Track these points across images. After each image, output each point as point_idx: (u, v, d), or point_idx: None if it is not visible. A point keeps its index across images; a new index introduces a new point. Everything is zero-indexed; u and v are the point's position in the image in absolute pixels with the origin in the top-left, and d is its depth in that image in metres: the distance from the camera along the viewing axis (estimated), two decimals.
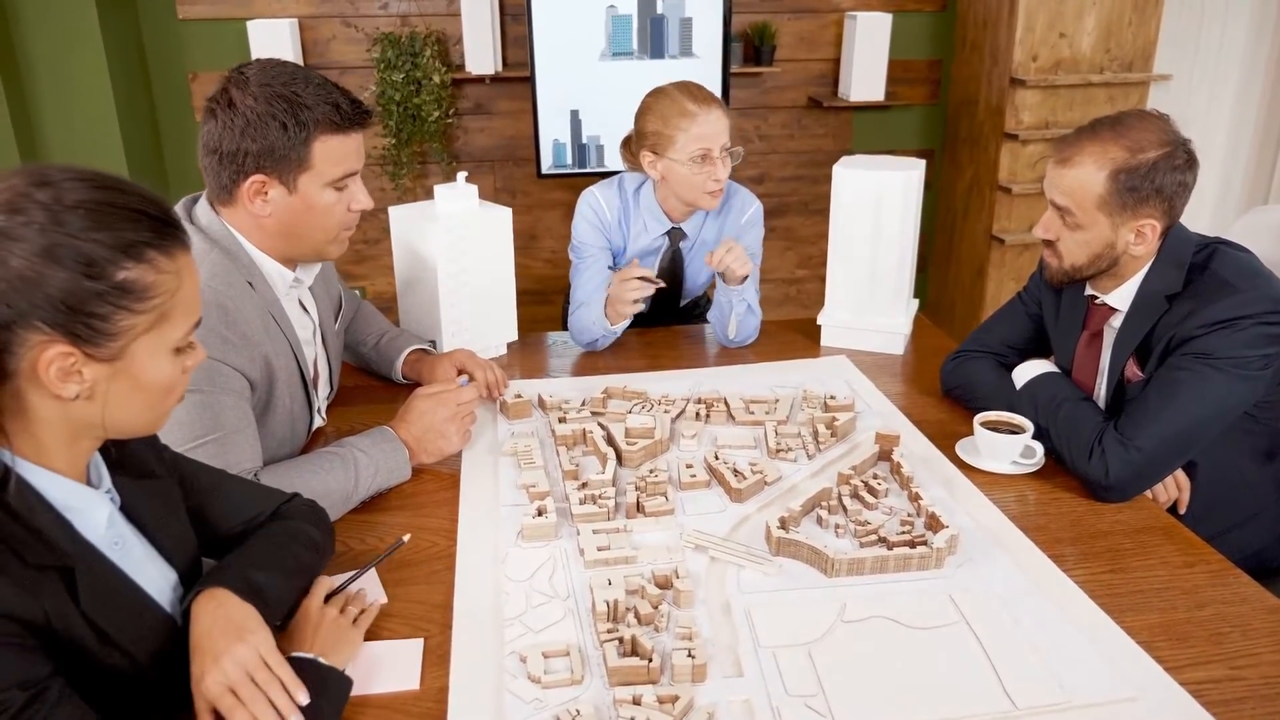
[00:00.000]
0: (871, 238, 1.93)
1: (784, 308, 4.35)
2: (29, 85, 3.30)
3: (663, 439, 1.54)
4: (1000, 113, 3.60)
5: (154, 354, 0.88)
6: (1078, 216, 1.45)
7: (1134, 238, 1.44)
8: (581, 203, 2.06)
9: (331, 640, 1.05)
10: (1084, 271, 1.51)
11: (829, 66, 3.98)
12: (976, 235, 3.88)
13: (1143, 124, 1.43)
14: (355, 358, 1.88)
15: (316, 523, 1.19)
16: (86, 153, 3.39)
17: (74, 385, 0.84)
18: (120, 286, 0.83)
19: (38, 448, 0.87)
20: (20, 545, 0.83)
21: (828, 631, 1.12)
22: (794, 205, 4.20)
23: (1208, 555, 1.30)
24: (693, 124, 1.86)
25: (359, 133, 1.38)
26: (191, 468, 1.14)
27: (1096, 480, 1.40)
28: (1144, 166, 1.40)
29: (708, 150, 1.87)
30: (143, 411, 0.91)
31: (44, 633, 0.83)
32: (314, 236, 1.41)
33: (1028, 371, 1.60)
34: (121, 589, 0.93)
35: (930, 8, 3.96)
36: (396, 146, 3.70)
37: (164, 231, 0.87)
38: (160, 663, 0.97)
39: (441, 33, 3.67)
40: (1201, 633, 1.14)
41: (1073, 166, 1.44)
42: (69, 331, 0.82)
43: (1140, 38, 3.56)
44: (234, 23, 3.55)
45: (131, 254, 0.84)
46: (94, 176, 0.85)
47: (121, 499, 0.98)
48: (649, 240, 2.06)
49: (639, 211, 2.03)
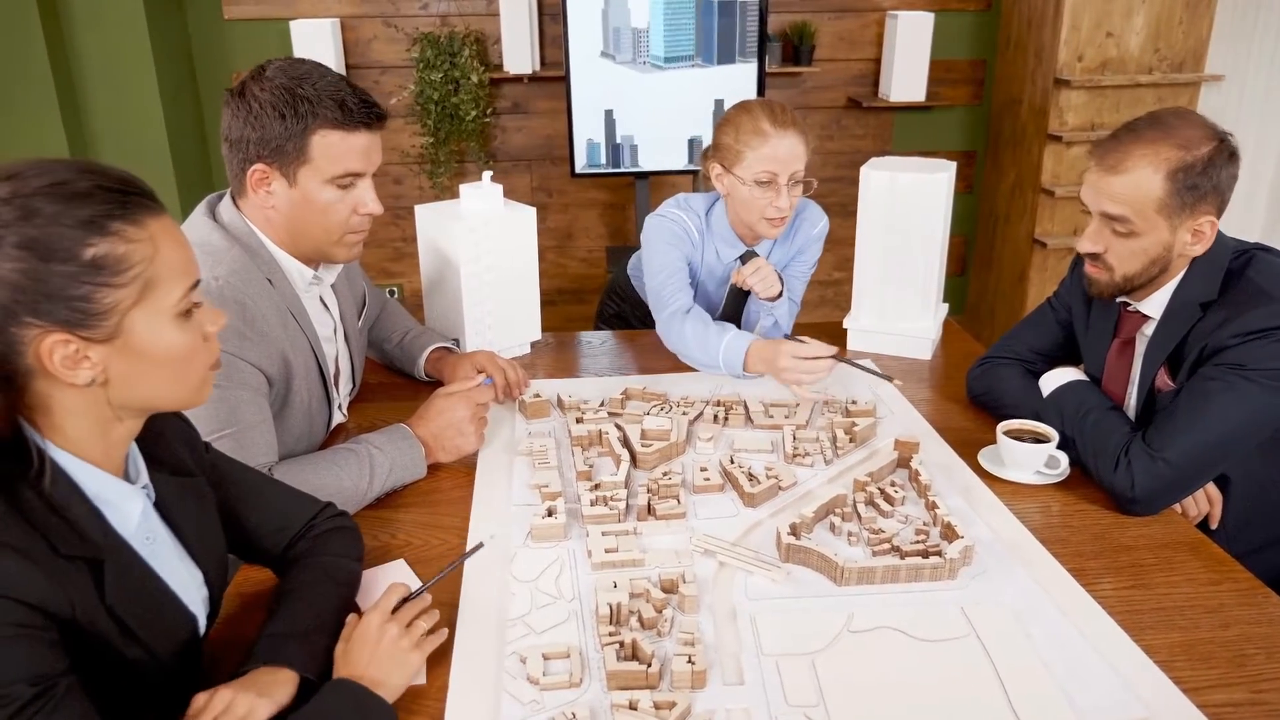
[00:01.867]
0: (900, 241, 1.90)
1: (820, 309, 4.31)
2: (80, 85, 3.39)
3: (678, 441, 1.53)
4: (1044, 114, 3.53)
5: (152, 324, 0.87)
6: (1135, 223, 1.38)
7: (1190, 238, 1.39)
8: (662, 226, 1.91)
9: (388, 664, 1.00)
10: (1137, 281, 1.44)
11: (869, 66, 3.93)
12: (1018, 239, 3.81)
13: (1183, 121, 1.38)
14: (380, 355, 1.89)
15: (348, 549, 1.19)
16: (134, 150, 3.48)
17: (85, 371, 0.85)
18: (92, 264, 0.83)
19: (71, 439, 0.88)
20: (53, 534, 0.84)
21: (833, 641, 1.10)
22: (833, 207, 4.15)
23: (1236, 573, 1.25)
24: (764, 144, 1.77)
25: (367, 134, 1.38)
26: (231, 469, 1.15)
27: (1122, 493, 1.36)
28: (1200, 163, 1.34)
29: (773, 175, 1.78)
30: (169, 383, 0.91)
31: (67, 624, 0.84)
32: (315, 235, 1.41)
33: (1055, 379, 1.56)
34: (148, 585, 0.94)
35: (974, 7, 3.89)
36: (434, 145, 3.73)
37: (125, 201, 0.85)
38: (178, 659, 0.98)
39: (480, 32, 3.70)
40: (1224, 654, 1.10)
41: (1124, 172, 1.37)
42: (58, 319, 0.82)
43: (1192, 37, 3.46)
44: (278, 23, 3.62)
45: (94, 229, 0.83)
46: (50, 165, 0.84)
47: (157, 495, 0.99)
48: (722, 268, 1.96)
49: (710, 236, 1.95)
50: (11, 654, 0.78)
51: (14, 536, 0.81)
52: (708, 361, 1.77)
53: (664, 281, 1.86)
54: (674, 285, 1.86)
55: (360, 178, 1.40)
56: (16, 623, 0.79)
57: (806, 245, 2.00)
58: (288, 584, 1.11)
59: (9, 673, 0.78)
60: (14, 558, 0.80)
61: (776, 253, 2.01)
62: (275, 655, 0.99)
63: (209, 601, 1.06)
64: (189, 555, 1.03)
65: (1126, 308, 1.52)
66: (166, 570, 0.97)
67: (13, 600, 0.79)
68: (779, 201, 1.80)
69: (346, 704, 0.95)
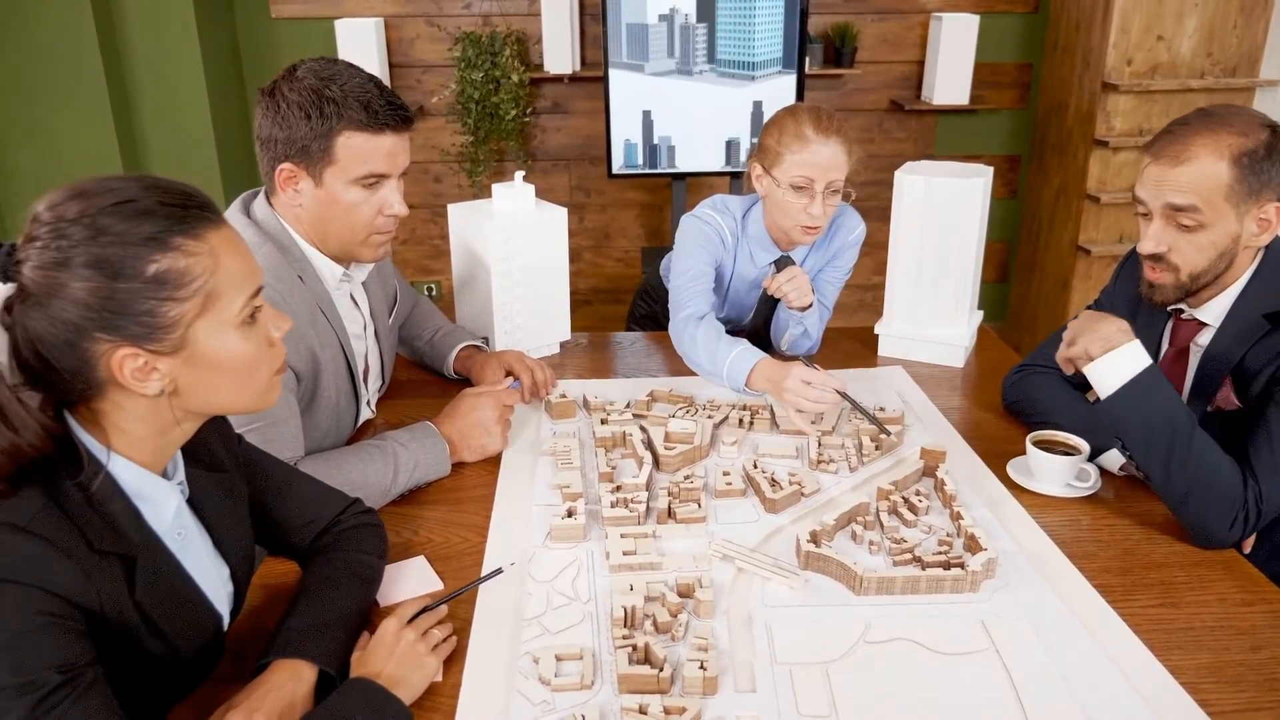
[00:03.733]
0: (934, 246, 1.87)
1: (858, 314, 4.27)
2: (130, 82, 3.47)
3: (702, 445, 1.53)
4: (1091, 118, 3.46)
5: (216, 334, 0.90)
6: (1204, 213, 1.33)
7: (1257, 227, 1.35)
8: (696, 228, 1.89)
9: (406, 667, 1.02)
10: (1204, 278, 1.38)
11: (913, 69, 3.89)
12: (1062, 246, 3.74)
13: (1233, 112, 1.35)
14: (411, 352, 1.91)
15: (373, 545, 1.20)
16: (181, 147, 3.55)
17: (155, 382, 0.87)
18: (155, 279, 0.85)
19: (130, 441, 0.91)
20: (89, 529, 0.86)
21: (848, 651, 1.09)
22: (873, 211, 4.10)
23: (1270, 594, 1.22)
24: (804, 149, 1.73)
25: (393, 135, 1.38)
26: (265, 463, 1.17)
27: (1222, 541, 1.29)
28: (1262, 148, 1.31)
29: (809, 181, 1.74)
30: (236, 390, 0.94)
31: (95, 617, 0.86)
32: (341, 234, 1.43)
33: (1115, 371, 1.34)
34: (176, 581, 0.96)
35: (1021, 9, 3.83)
36: (474, 144, 3.76)
37: (184, 215, 0.87)
38: (200, 653, 1.00)
39: (522, 32, 3.72)
40: (1254, 676, 1.07)
41: (1188, 162, 1.33)
42: (126, 334, 0.85)
43: (1246, 41, 3.37)
44: (323, 21, 3.67)
45: (157, 245, 0.85)
46: (115, 183, 0.86)
47: (191, 490, 1.01)
48: (756, 273, 1.95)
49: (745, 239, 1.93)
50: (41, 642, 0.80)
51: (49, 529, 0.83)
52: (712, 370, 1.73)
53: (686, 285, 1.84)
54: (695, 290, 1.84)
55: (385, 179, 1.41)
56: (48, 612, 0.81)
57: (842, 251, 1.97)
58: (310, 577, 1.12)
59: (38, 660, 0.80)
60: (47, 549, 0.82)
61: (811, 258, 1.98)
62: (294, 649, 1.00)
63: (233, 597, 1.08)
64: (217, 550, 1.05)
65: (1180, 315, 1.48)
66: (195, 566, 0.99)
67: (44, 590, 0.81)
68: (813, 208, 1.76)
69: (364, 702, 0.96)
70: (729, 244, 1.90)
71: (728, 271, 1.95)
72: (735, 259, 1.93)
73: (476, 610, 1.18)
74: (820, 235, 1.88)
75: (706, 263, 1.86)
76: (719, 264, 1.90)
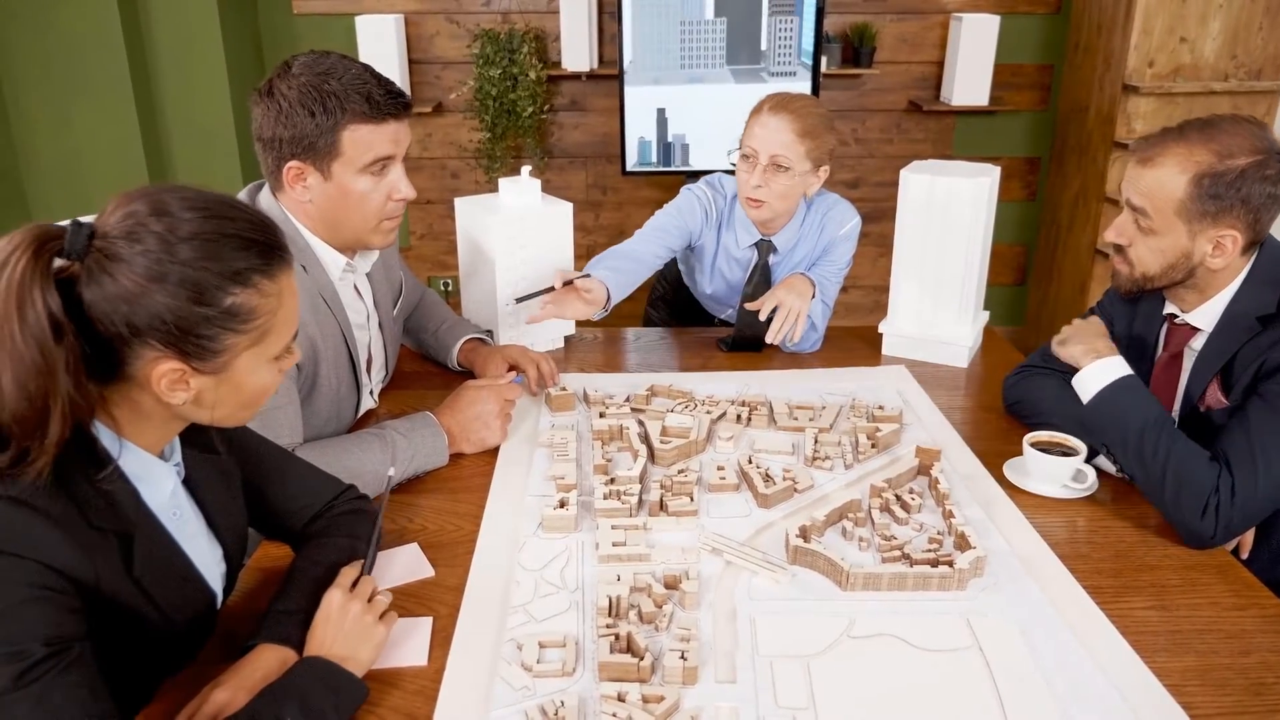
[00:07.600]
0: (938, 246, 1.86)
1: (874, 314, 4.23)
2: (154, 76, 3.52)
3: (698, 439, 1.53)
4: (1111, 121, 3.43)
5: (254, 365, 0.95)
6: (1153, 220, 1.37)
7: (1211, 249, 1.35)
8: (685, 195, 2.03)
9: (355, 640, 1.02)
10: (1155, 281, 1.42)
11: (932, 69, 3.87)
12: (1080, 248, 3.71)
13: (1235, 129, 1.33)
14: (416, 344, 1.93)
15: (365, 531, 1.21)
16: (204, 141, 3.60)
17: (181, 394, 0.91)
18: (228, 311, 0.89)
19: (134, 429, 0.94)
20: (87, 506, 0.88)
21: (830, 646, 1.09)
22: (889, 211, 4.07)
23: (1263, 599, 1.21)
24: (754, 121, 1.87)
25: (394, 122, 1.40)
26: (261, 448, 1.20)
27: (1201, 534, 1.28)
28: (1230, 174, 1.30)
29: (754, 151, 1.85)
30: (239, 409, 0.98)
31: (91, 592, 0.88)
32: (354, 224, 1.45)
33: (1097, 376, 1.40)
34: (172, 559, 0.99)
35: (1043, 10, 3.79)
36: (491, 141, 3.78)
37: (269, 256, 0.92)
38: (192, 629, 1.03)
39: (540, 29, 3.73)
40: (1241, 681, 1.06)
41: (1154, 167, 1.36)
42: (180, 350, 0.88)
43: (1272, 43, 3.33)
44: (344, 17, 3.70)
45: (239, 281, 0.89)
46: (206, 205, 0.89)
47: (186, 471, 1.04)
48: (738, 251, 2.03)
49: (732, 219, 2.01)
50: (30, 613, 0.82)
51: (47, 503, 0.85)
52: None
53: (639, 234, 1.98)
54: (641, 235, 1.97)
55: (392, 161, 1.43)
56: (41, 585, 0.83)
57: (834, 245, 1.99)
58: (300, 562, 1.14)
59: (25, 631, 0.82)
60: (44, 523, 0.84)
61: (800, 250, 2.02)
62: (280, 634, 1.02)
63: (226, 576, 1.11)
64: (212, 531, 1.07)
65: (1174, 320, 1.48)
66: (189, 544, 1.02)
67: (37, 563, 0.83)
68: (753, 179, 1.85)
69: (316, 678, 0.97)
70: (711, 217, 2.00)
71: (711, 247, 2.04)
72: (719, 235, 2.02)
73: (465, 596, 1.19)
74: (767, 213, 1.92)
75: (673, 226, 1.99)
76: (695, 234, 2.01)
